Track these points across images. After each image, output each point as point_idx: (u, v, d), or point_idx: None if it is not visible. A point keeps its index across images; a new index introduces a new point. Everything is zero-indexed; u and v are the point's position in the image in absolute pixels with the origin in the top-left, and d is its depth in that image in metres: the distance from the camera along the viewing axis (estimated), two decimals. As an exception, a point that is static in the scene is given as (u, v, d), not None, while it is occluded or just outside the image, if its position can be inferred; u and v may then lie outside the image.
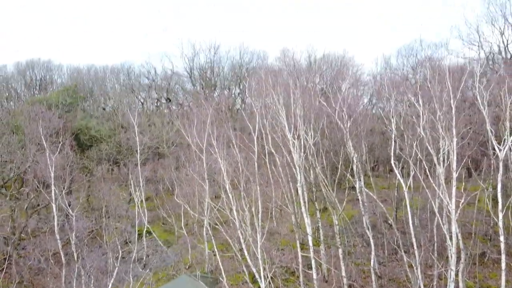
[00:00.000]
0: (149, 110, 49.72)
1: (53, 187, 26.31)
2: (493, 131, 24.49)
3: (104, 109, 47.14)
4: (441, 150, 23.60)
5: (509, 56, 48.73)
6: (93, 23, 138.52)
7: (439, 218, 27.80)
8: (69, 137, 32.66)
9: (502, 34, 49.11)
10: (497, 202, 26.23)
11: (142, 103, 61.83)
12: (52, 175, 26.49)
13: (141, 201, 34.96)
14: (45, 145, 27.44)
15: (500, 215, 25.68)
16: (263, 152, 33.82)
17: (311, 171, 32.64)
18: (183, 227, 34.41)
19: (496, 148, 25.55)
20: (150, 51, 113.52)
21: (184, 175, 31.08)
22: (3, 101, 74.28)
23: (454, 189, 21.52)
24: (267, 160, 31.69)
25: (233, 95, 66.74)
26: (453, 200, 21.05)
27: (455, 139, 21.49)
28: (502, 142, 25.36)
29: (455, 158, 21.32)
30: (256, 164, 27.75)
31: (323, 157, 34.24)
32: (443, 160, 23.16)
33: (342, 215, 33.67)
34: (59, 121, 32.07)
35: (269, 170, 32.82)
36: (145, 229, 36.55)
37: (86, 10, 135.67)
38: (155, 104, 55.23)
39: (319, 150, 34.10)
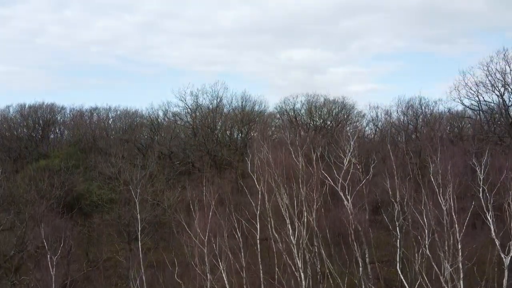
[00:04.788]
0: (150, 166, 49.62)
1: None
2: (498, 241, 24.34)
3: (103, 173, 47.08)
4: (445, 271, 23.37)
5: (509, 120, 48.83)
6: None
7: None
8: (70, 244, 32.15)
9: (501, 97, 49.33)
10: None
11: (143, 154, 61.58)
12: (53, 277, 26.19)
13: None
14: (46, 247, 27.27)
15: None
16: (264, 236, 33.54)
17: (317, 260, 32.22)
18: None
19: (501, 254, 25.35)
20: (154, 102, 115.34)
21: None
22: (5, 141, 73.88)
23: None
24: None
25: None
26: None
27: (461, 274, 21.33)
28: (507, 250, 25.16)
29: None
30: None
31: (329, 241, 33.76)
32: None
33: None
34: (62, 221, 31.67)
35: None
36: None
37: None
38: (156, 160, 55.19)
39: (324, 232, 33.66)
